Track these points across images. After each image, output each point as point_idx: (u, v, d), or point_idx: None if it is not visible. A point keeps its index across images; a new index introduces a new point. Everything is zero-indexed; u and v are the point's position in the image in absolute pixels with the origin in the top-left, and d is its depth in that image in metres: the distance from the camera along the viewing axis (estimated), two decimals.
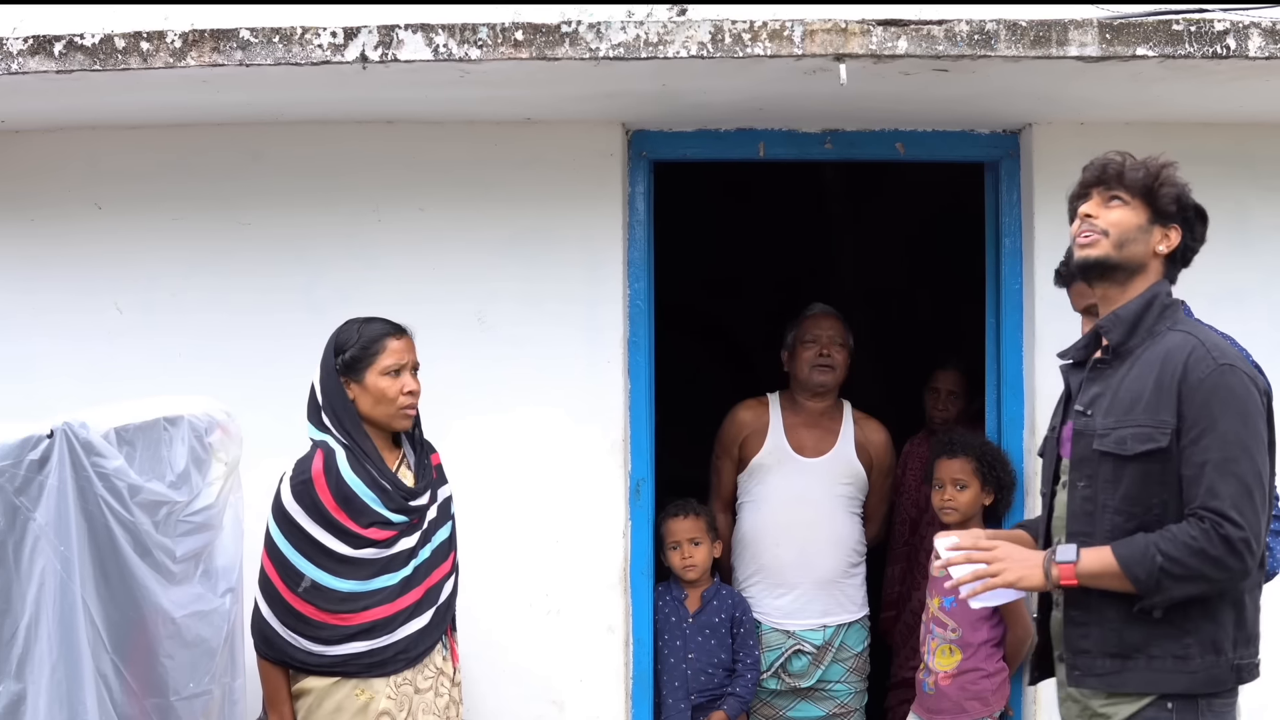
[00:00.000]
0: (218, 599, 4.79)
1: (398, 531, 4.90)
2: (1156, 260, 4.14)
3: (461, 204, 6.17)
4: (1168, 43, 5.08)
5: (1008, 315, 6.23)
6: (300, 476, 4.85)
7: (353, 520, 4.82)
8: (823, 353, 6.51)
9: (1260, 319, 5.87)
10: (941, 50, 5.06)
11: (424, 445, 5.15)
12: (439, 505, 5.10)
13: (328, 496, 4.81)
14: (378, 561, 4.85)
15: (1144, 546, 3.92)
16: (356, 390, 4.93)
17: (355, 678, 4.82)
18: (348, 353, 4.94)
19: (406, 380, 4.95)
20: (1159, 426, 3.97)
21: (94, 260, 6.23)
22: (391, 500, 4.88)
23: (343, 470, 4.85)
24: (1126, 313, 4.13)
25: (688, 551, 6.26)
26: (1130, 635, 4.00)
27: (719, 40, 5.07)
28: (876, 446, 6.65)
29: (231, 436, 4.95)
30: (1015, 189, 6.24)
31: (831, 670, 6.41)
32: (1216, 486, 3.88)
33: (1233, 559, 3.85)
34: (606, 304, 6.16)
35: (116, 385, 5.80)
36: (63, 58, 5.24)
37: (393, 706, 4.84)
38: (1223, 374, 3.94)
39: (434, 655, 5.01)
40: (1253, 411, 3.94)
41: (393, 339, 4.96)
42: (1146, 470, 3.99)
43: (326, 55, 5.16)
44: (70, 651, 4.11)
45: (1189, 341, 4.01)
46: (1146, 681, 3.99)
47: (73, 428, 4.13)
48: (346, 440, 4.90)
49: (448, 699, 5.06)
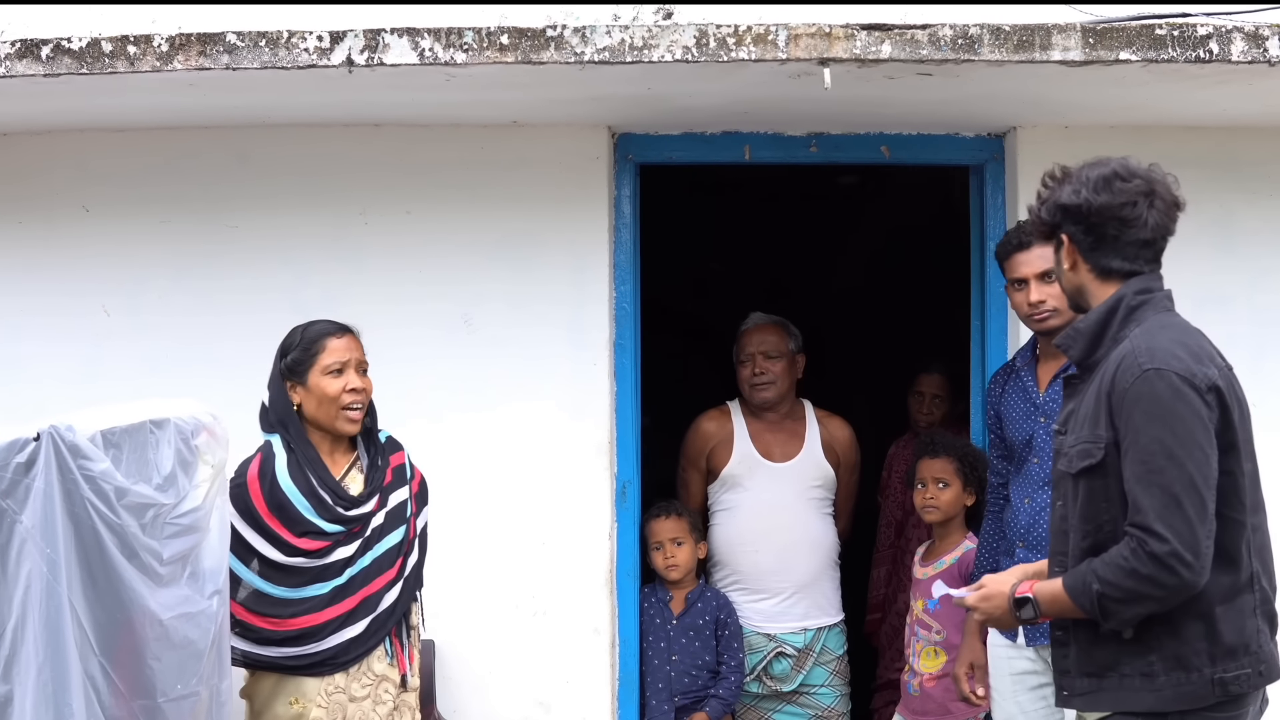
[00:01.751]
0: (205, 601, 4.78)
1: (331, 542, 4.87)
2: (1083, 275, 4.03)
3: (448, 207, 6.18)
4: (1151, 47, 5.09)
5: (992, 318, 6.25)
6: (236, 479, 4.86)
7: (285, 528, 4.82)
8: (757, 371, 6.50)
9: (1244, 322, 5.90)
10: (925, 55, 5.08)
11: (383, 446, 5.11)
12: (389, 511, 5.02)
13: (260, 501, 4.83)
14: (310, 570, 4.85)
15: (1084, 575, 3.82)
16: (302, 393, 4.93)
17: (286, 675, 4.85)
18: (290, 355, 4.94)
19: (350, 378, 4.92)
20: (1095, 441, 3.87)
21: (81, 263, 6.23)
22: (327, 510, 4.86)
23: (279, 475, 4.85)
24: (1085, 325, 4.02)
25: (670, 552, 6.27)
26: (1100, 654, 3.92)
27: (703, 44, 5.09)
28: (842, 444, 6.64)
29: (217, 439, 4.94)
30: (1000, 192, 6.26)
31: (814, 674, 6.40)
32: (1140, 500, 3.73)
33: (1165, 575, 3.68)
34: (592, 306, 6.18)
35: (104, 387, 5.80)
36: (50, 61, 5.24)
37: (324, 715, 4.83)
38: (1146, 381, 3.76)
39: (371, 662, 4.96)
40: (1182, 414, 3.73)
41: (333, 338, 4.94)
42: (1091, 487, 3.89)
43: (313, 59, 5.16)
44: (57, 654, 4.10)
45: (1125, 348, 3.85)
46: (1118, 700, 3.89)
47: (59, 431, 4.12)
48: (291, 444, 4.91)
49: (392, 705, 4.99)
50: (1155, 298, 3.98)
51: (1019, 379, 5.39)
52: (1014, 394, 5.38)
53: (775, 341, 6.54)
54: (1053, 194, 4.02)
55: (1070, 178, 4.00)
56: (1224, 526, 3.79)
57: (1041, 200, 4.07)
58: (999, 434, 5.48)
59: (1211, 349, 3.94)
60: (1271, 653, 3.91)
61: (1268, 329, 6.07)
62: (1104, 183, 3.94)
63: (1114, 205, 3.93)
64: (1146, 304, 3.95)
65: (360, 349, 5.00)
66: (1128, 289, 3.96)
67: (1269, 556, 3.98)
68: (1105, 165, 3.98)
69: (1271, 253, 6.10)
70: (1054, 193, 4.02)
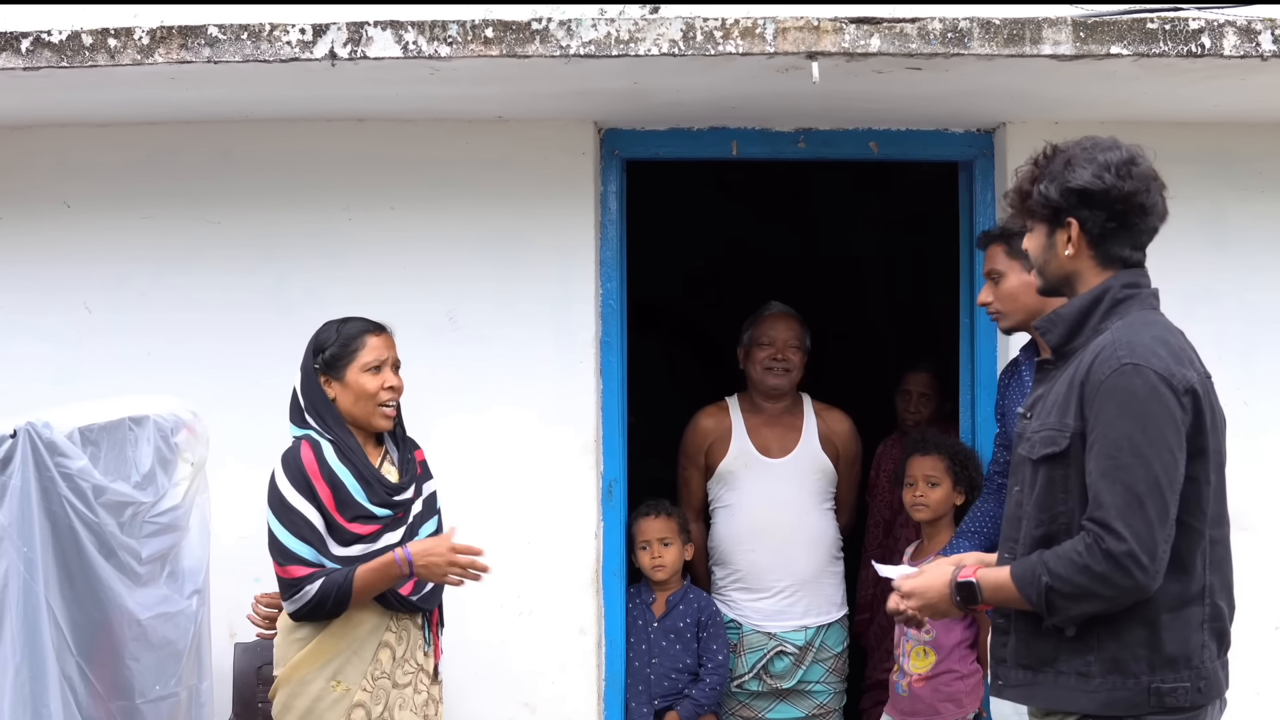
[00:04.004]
0: (184, 601, 4.77)
1: (382, 525, 4.90)
2: (1082, 262, 3.90)
3: (432, 203, 6.15)
4: (1142, 41, 5.06)
5: (981, 315, 6.20)
6: (292, 461, 4.84)
7: (339, 512, 4.82)
8: (777, 356, 6.47)
9: (1234, 319, 5.88)
10: (914, 48, 5.05)
11: (407, 441, 5.16)
12: (424, 500, 5.09)
13: (319, 480, 4.81)
14: (364, 557, 4.84)
15: (1034, 566, 3.74)
16: (338, 389, 4.94)
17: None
18: (328, 351, 4.95)
19: (387, 376, 4.97)
20: (1061, 430, 3.77)
21: (62, 259, 6.19)
22: (375, 494, 4.89)
23: (330, 460, 4.85)
24: (1068, 311, 3.91)
25: (657, 552, 6.23)
26: (1039, 648, 3.84)
27: (690, 38, 5.05)
28: (841, 437, 6.61)
29: (198, 437, 4.92)
30: (989, 188, 6.23)
31: (812, 671, 6.38)
32: (1101, 495, 3.63)
33: (1119, 575, 3.59)
34: (578, 304, 6.15)
35: (85, 385, 5.80)
36: (30, 55, 5.20)
37: (368, 699, 4.83)
38: (1123, 374, 3.66)
39: (415, 651, 5.00)
40: (1156, 414, 3.64)
41: (372, 335, 4.98)
42: (1050, 475, 3.80)
43: (295, 52, 5.13)
44: (34, 654, 4.08)
45: (1105, 340, 3.75)
46: (1051, 698, 3.83)
47: (36, 428, 4.10)
48: (330, 435, 4.91)
49: (426, 696, 5.05)
50: (1141, 294, 3.89)
51: (1019, 374, 5.37)
52: (1015, 389, 5.37)
53: (795, 330, 6.54)
54: (1060, 176, 3.86)
55: (1078, 160, 3.85)
56: (1180, 533, 3.70)
57: (1042, 181, 3.91)
58: (1003, 428, 5.47)
59: (1192, 353, 3.85)
60: (1214, 670, 3.80)
61: (1259, 326, 6.03)
62: (1125, 168, 3.82)
63: (1139, 192, 3.83)
64: (1132, 299, 3.86)
65: (394, 347, 5.05)
66: (1115, 281, 3.86)
67: (1229, 571, 3.88)
68: (1116, 147, 3.86)
69: (1263, 249, 6.07)
70: (1062, 175, 3.86)
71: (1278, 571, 5.78)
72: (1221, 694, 3.85)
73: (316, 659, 4.83)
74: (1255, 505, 5.76)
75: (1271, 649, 5.85)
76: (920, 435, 6.31)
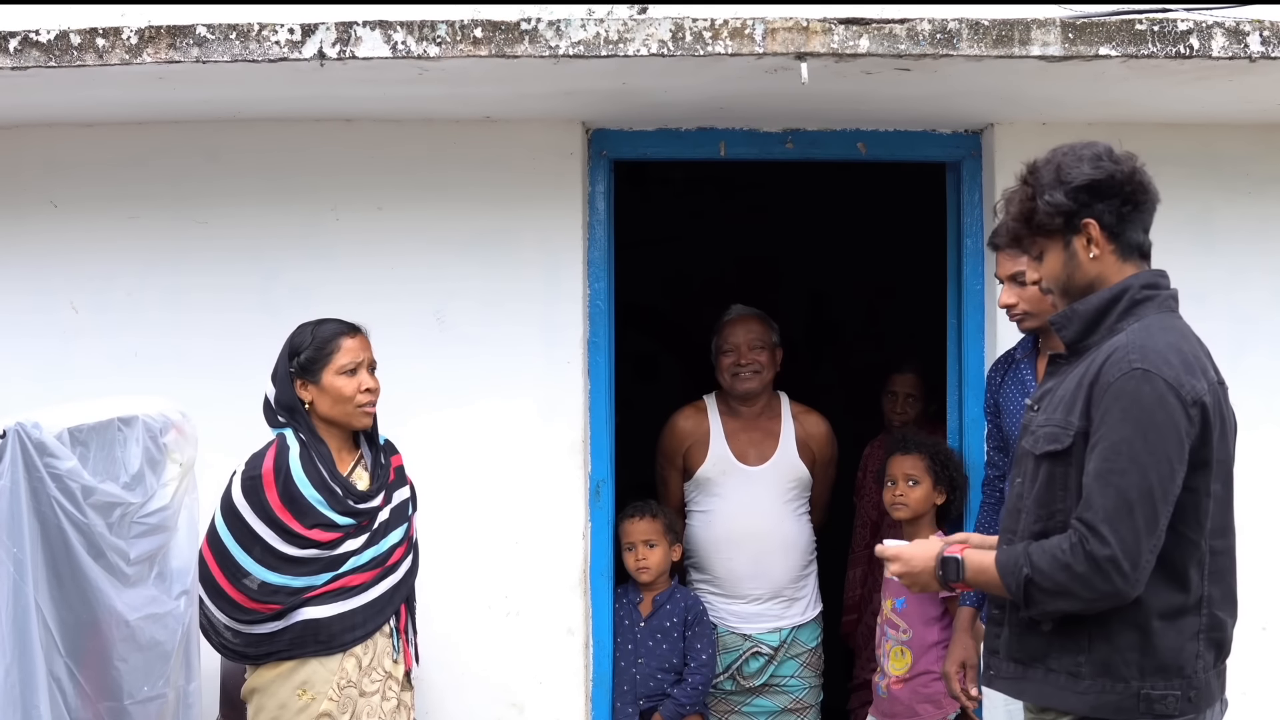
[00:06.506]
0: (172, 601, 4.74)
1: (342, 534, 4.90)
2: (1106, 260, 3.86)
3: (420, 203, 6.15)
4: (1130, 42, 5.07)
5: (969, 316, 6.22)
6: (250, 473, 4.87)
7: (297, 520, 4.83)
8: (741, 360, 6.48)
9: (1222, 319, 5.87)
10: (903, 49, 5.05)
11: (383, 447, 5.16)
12: (393, 508, 5.08)
13: (274, 496, 4.83)
14: (320, 560, 4.86)
15: (1018, 555, 3.76)
16: (314, 392, 4.95)
17: (288, 660, 4.85)
18: (303, 354, 4.96)
19: (364, 378, 4.97)
20: (1066, 427, 3.76)
21: (49, 259, 6.18)
22: (338, 503, 4.89)
23: (293, 468, 4.85)
24: (1085, 308, 3.87)
25: (642, 554, 6.23)
26: (1031, 643, 3.85)
27: (679, 38, 5.05)
28: (818, 440, 6.61)
29: (186, 437, 4.90)
30: (977, 189, 6.24)
31: (785, 666, 6.39)
32: (1093, 496, 3.64)
33: (1098, 578, 3.60)
34: (566, 304, 6.15)
35: (72, 385, 5.79)
36: (18, 54, 5.19)
37: (334, 708, 4.83)
38: (1132, 379, 3.65)
39: (382, 658, 4.99)
40: (1160, 422, 3.62)
41: (347, 338, 4.98)
42: (1051, 472, 3.80)
43: (284, 52, 5.12)
44: (23, 654, 4.05)
45: (1119, 341, 3.73)
46: (1041, 695, 3.85)
47: (25, 428, 4.08)
48: (302, 438, 4.91)
49: (396, 702, 5.04)
50: (1160, 296, 3.88)
51: (1018, 370, 5.37)
52: (1012, 386, 5.36)
53: (759, 331, 6.52)
54: (1059, 181, 3.83)
55: (1067, 162, 3.83)
56: (1175, 543, 3.69)
57: (1043, 193, 3.85)
58: (996, 424, 5.46)
59: (1207, 361, 3.84)
60: (1208, 681, 3.79)
61: (1246, 326, 6.05)
62: (1111, 153, 3.84)
63: (1136, 169, 3.85)
64: (1151, 300, 3.85)
65: (370, 348, 5.06)
66: (1134, 281, 3.84)
67: (1231, 582, 3.87)
68: (1091, 143, 3.87)
69: (1250, 250, 6.09)
70: (1061, 179, 3.82)
71: (1265, 572, 5.77)
72: (1214, 702, 3.85)
73: (278, 665, 4.86)
74: (1242, 505, 5.75)
75: (1259, 649, 5.85)
76: (901, 435, 6.34)
